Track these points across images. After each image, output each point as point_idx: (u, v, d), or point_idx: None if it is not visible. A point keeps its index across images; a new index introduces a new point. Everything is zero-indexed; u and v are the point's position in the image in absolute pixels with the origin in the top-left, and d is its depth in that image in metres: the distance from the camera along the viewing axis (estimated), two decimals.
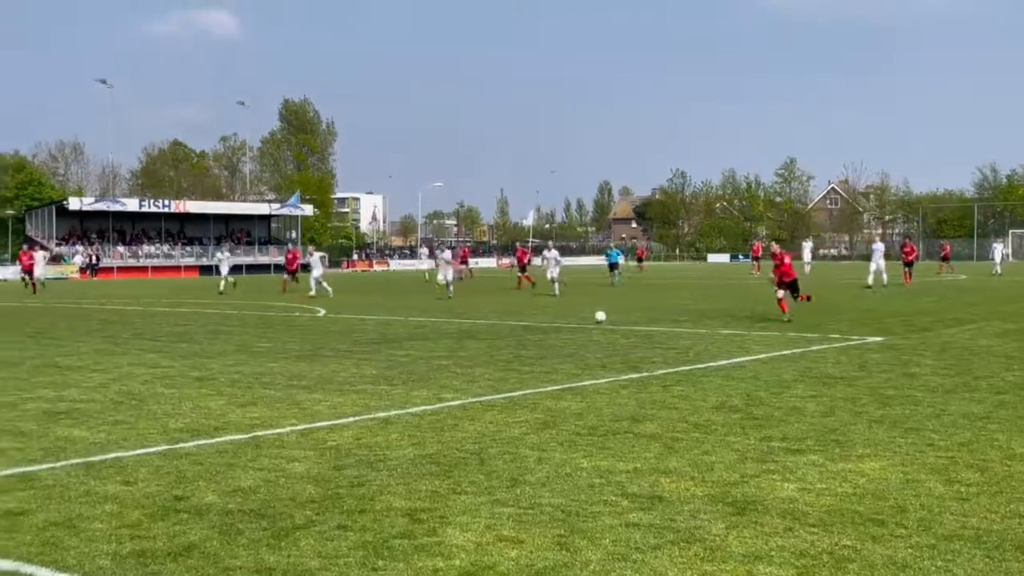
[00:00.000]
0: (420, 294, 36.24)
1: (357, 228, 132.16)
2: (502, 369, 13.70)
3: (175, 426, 9.53)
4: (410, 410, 10.35)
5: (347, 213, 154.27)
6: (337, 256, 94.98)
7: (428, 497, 6.73)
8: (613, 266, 44.43)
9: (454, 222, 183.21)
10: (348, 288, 44.05)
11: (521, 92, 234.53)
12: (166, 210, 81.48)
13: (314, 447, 8.46)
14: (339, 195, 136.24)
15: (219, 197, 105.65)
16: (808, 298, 23.05)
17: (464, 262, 56.79)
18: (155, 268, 75.39)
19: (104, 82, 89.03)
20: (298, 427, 9.43)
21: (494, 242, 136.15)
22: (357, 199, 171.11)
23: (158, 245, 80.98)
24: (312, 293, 35.40)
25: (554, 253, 36.75)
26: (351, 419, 9.84)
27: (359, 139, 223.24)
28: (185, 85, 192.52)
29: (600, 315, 21.26)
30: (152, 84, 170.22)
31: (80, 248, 75.94)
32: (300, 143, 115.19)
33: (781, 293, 21.85)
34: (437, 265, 35.65)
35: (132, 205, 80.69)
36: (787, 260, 22.60)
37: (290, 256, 43.67)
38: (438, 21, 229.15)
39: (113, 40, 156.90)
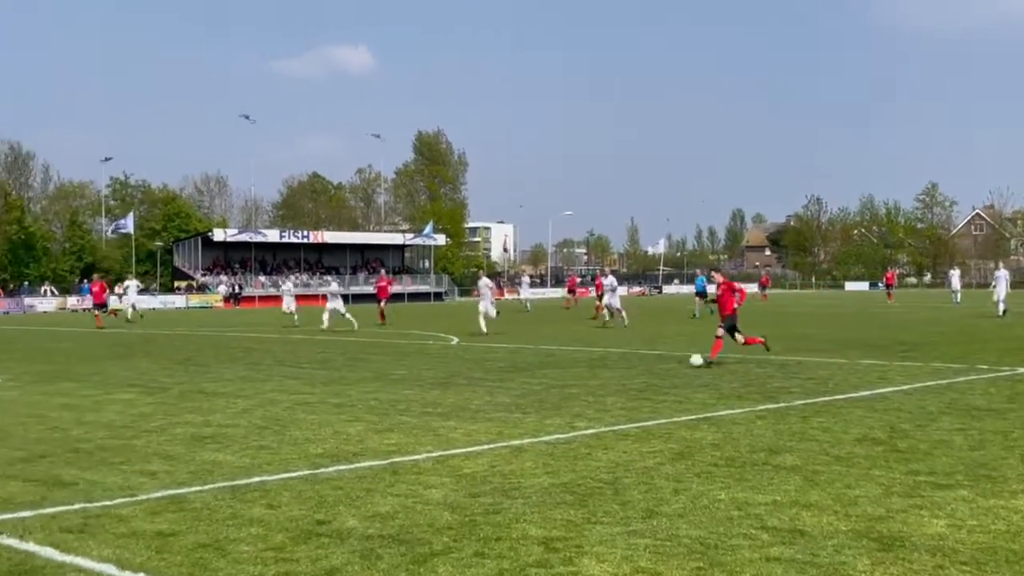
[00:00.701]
0: (549, 323, 36.33)
1: (488, 257, 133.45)
2: (635, 398, 13.60)
3: (316, 451, 9.75)
4: (543, 438, 10.36)
5: (478, 242, 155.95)
6: (468, 284, 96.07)
7: (563, 526, 6.72)
8: (701, 294, 41.06)
9: (584, 251, 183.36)
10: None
11: (652, 119, 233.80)
12: (305, 240, 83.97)
13: (450, 474, 8.54)
14: (471, 224, 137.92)
15: (355, 228, 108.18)
16: (766, 346, 18.94)
17: (572, 291, 59.55)
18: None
19: (247, 117, 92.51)
20: (434, 454, 9.53)
21: (624, 270, 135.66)
22: (488, 228, 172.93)
23: (297, 275, 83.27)
24: (324, 326, 32.92)
25: (611, 280, 34.86)
26: (485, 447, 9.90)
27: (490, 169, 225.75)
28: (322, 119, 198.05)
29: (696, 359, 17.88)
30: (291, 118, 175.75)
31: (224, 278, 78.66)
32: (433, 174, 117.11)
33: (721, 332, 18.46)
34: (480, 294, 31.17)
35: (273, 236, 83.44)
36: (733, 288, 18.71)
37: (383, 283, 41.65)
38: (565, 50, 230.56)
39: (254, 77, 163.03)
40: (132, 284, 47.15)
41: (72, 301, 68.47)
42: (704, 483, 8.02)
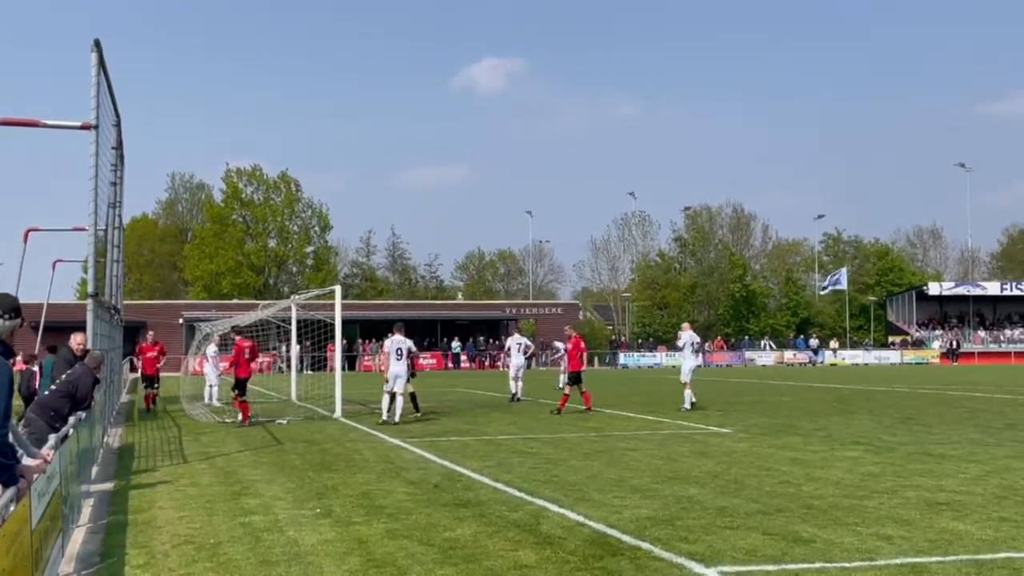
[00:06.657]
0: None
1: None
2: None
3: None
4: None
5: None
6: None
7: None
8: None
9: None
10: None
11: None
12: None
13: None
14: None
15: None
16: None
17: None
18: (1018, 354, 72.31)
19: (963, 165, 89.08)
20: None
21: None
22: None
23: (1021, 330, 77.75)
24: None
25: None
26: None
27: None
28: None
29: None
30: (1005, 163, 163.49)
31: (938, 333, 76.13)
32: None
33: None
34: None
35: (992, 289, 79.09)
36: None
37: (151, 351, 26.53)
38: None
39: (962, 122, 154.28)
40: (209, 350, 27.21)
41: (788, 356, 71.15)
42: None
